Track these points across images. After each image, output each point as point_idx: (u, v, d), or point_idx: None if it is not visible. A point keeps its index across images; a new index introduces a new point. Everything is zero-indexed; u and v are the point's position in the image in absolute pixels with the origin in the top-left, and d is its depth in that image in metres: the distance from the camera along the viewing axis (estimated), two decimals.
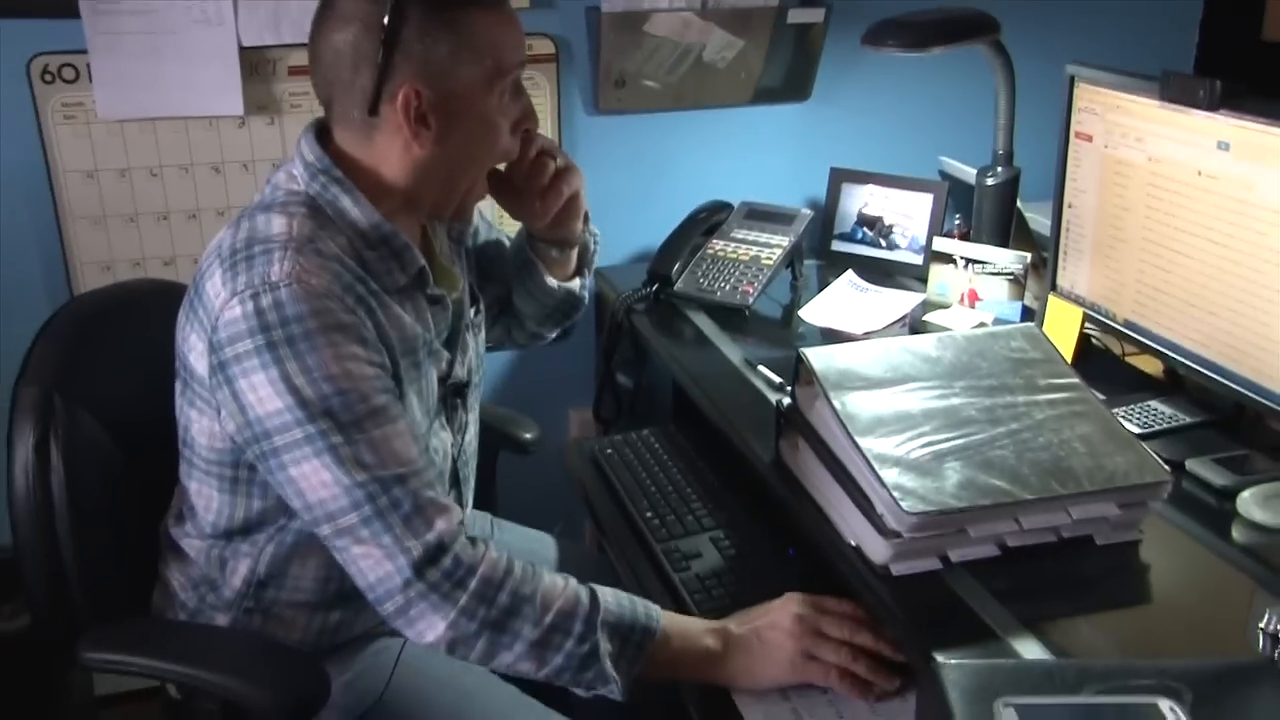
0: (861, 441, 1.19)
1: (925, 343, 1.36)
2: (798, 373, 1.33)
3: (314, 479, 1.09)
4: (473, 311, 1.42)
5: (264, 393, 1.10)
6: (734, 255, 1.93)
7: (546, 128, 2.06)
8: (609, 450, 1.68)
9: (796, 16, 2.06)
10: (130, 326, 1.40)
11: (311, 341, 1.09)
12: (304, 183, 1.21)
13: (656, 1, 1.99)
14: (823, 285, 2.00)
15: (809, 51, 2.12)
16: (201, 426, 1.21)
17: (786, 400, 1.37)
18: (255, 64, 1.88)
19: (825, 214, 2.13)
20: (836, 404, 1.24)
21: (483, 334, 1.48)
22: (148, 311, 1.40)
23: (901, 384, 1.29)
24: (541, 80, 2.03)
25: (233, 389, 1.12)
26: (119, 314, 1.41)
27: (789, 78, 2.15)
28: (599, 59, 2.02)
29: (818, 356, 1.31)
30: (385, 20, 1.14)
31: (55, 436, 1.26)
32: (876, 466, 1.17)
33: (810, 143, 2.23)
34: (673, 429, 1.71)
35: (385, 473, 1.10)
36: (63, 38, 1.77)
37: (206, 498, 1.24)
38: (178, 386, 1.25)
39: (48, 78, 1.79)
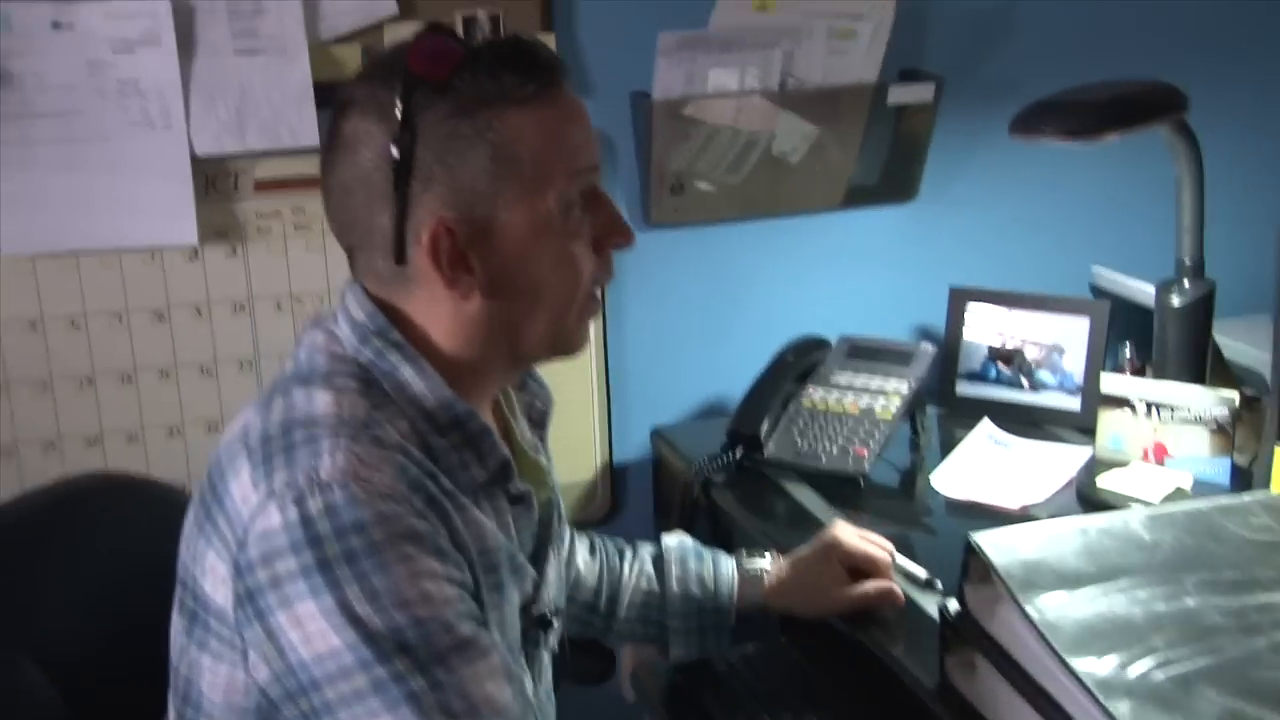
0: (1073, 662, 1.11)
1: (1129, 522, 1.30)
2: (967, 567, 1.27)
3: None
4: (557, 518, 1.35)
5: (314, 628, 1.01)
6: (839, 408, 1.86)
7: None
8: (701, 676, 1.58)
9: (899, 96, 2.03)
10: (76, 538, 1.33)
11: (379, 557, 1.02)
12: (352, 347, 1.15)
13: (723, 84, 1.95)
14: (949, 441, 1.94)
15: (915, 139, 2.08)
16: (217, 678, 1.11)
17: (954, 605, 1.30)
18: (212, 178, 1.81)
19: (946, 347, 2.06)
20: (1032, 611, 1.17)
21: (565, 549, 1.41)
22: (94, 519, 1.35)
23: (1110, 580, 1.22)
24: None
25: (268, 624, 1.03)
26: (58, 524, 1.35)
27: (889, 172, 2.10)
28: (649, 158, 1.96)
29: (995, 547, 1.25)
30: (394, 141, 1.08)
31: None
32: (1101, 697, 1.08)
33: (920, 255, 2.18)
34: (784, 643, 1.62)
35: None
36: None
37: None
38: (178, 624, 1.15)
39: None
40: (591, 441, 2.07)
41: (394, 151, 1.08)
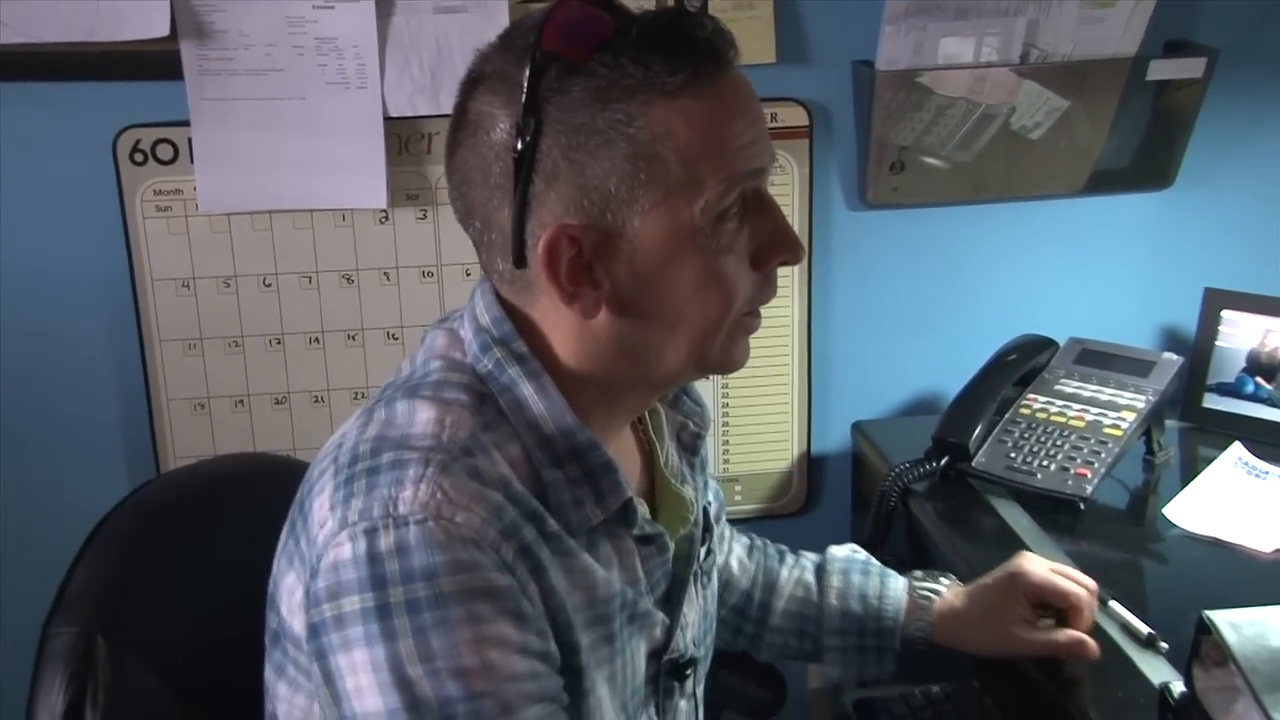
0: None
1: None
2: (1199, 646, 1.06)
3: None
4: (703, 551, 1.13)
5: (365, 681, 0.85)
6: (1062, 419, 1.59)
7: (793, 224, 1.72)
8: (880, 714, 1.36)
9: (1161, 71, 1.70)
10: (207, 534, 1.21)
11: (444, 612, 0.84)
12: (472, 354, 0.97)
13: (957, 54, 1.65)
14: (1191, 463, 1.65)
15: (1176, 120, 1.76)
16: (294, 709, 0.97)
17: (1179, 686, 1.09)
18: (405, 139, 1.66)
19: (1196, 354, 1.75)
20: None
21: (714, 584, 1.18)
22: (236, 507, 1.24)
23: None
24: (788, 162, 1.73)
25: (326, 665, 0.88)
26: (195, 511, 1.23)
27: (1142, 156, 1.79)
28: (869, 133, 1.70)
29: (1237, 629, 1.05)
30: (518, 128, 0.88)
31: (93, 698, 1.06)
32: None
33: (1171, 250, 1.88)
34: (976, 687, 1.36)
35: None
36: (159, 106, 1.61)
37: None
38: (266, 640, 1.00)
39: (138, 157, 1.62)
40: (790, 430, 1.84)
41: (517, 141, 0.88)
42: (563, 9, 0.88)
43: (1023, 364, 1.65)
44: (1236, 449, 1.61)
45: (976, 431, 1.56)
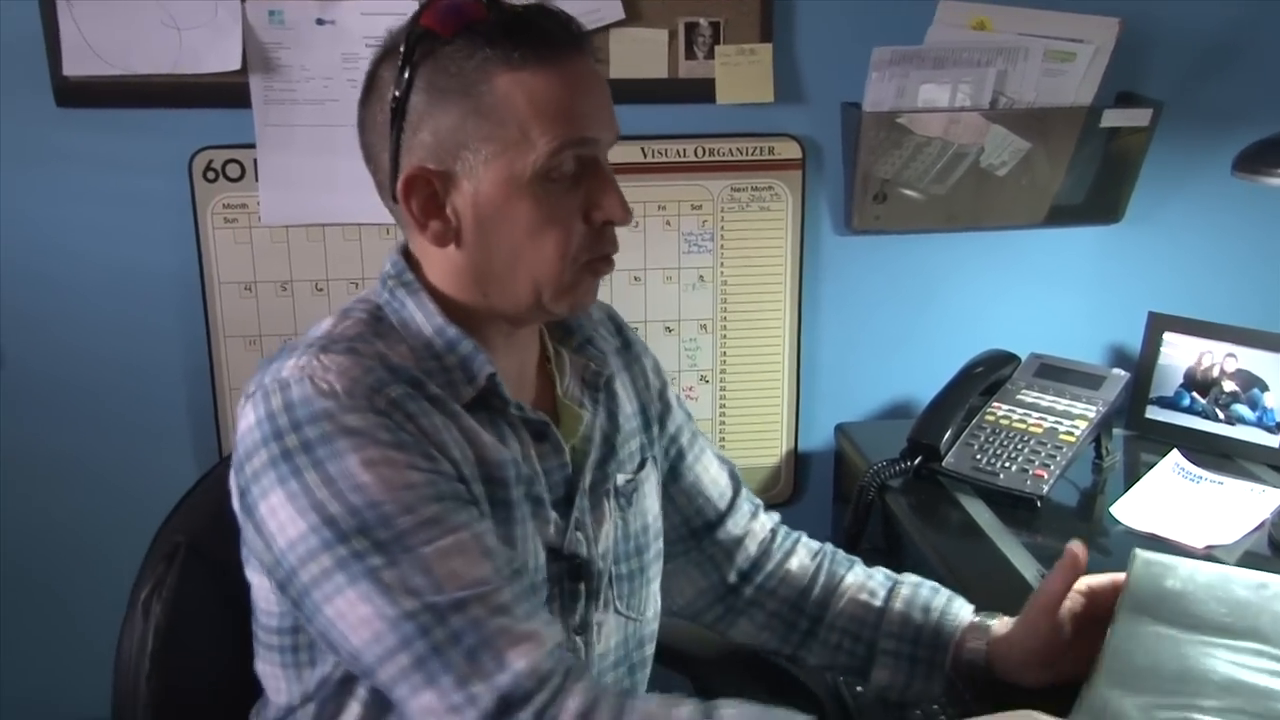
0: (1103, 688, 1.03)
1: None
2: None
3: (353, 615, 0.94)
4: (622, 478, 1.18)
5: (284, 515, 0.96)
6: (1022, 426, 1.64)
7: (786, 246, 1.82)
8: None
9: (1114, 119, 1.77)
10: None
11: (332, 445, 0.95)
12: (375, 292, 1.09)
13: (934, 99, 1.73)
14: (1132, 465, 1.70)
15: (1126, 162, 1.82)
16: (260, 588, 1.07)
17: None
18: None
19: (1139, 370, 1.79)
20: (1111, 630, 1.09)
21: (651, 517, 1.22)
22: None
23: (1234, 638, 1.07)
24: (784, 191, 1.80)
25: (255, 519, 0.98)
26: None
27: (1095, 193, 1.85)
28: (855, 167, 1.77)
29: (1149, 565, 1.15)
30: (394, 84, 1.00)
31: (160, 589, 1.18)
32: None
33: (1120, 278, 1.93)
34: None
35: (441, 598, 0.93)
36: (230, 130, 1.68)
37: (274, 680, 1.10)
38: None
39: (210, 175, 1.69)
40: (780, 429, 1.91)
41: (394, 89, 1.00)
42: (437, 3, 1.00)
43: (988, 375, 1.70)
44: (1174, 456, 1.66)
45: (947, 435, 1.62)
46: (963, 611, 1.25)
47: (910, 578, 1.30)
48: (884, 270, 1.88)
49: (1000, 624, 1.21)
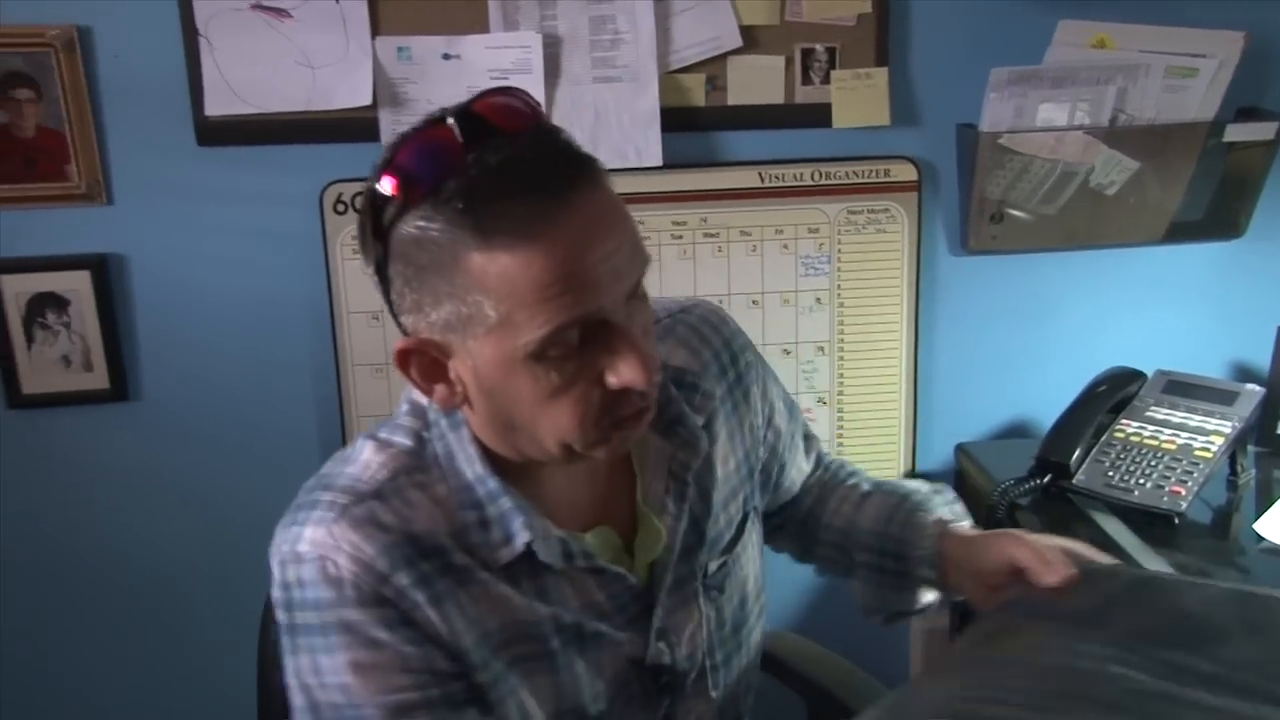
0: (924, 674, 1.09)
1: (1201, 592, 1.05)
2: None
3: None
4: (714, 565, 1.09)
5: (290, 682, 0.96)
6: (1154, 442, 1.59)
7: (902, 268, 1.79)
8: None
9: (1238, 134, 1.72)
10: None
11: (327, 638, 0.91)
12: (423, 414, 0.99)
13: (1052, 118, 1.70)
14: (1267, 483, 1.66)
15: (1248, 177, 1.77)
16: None
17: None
18: None
19: (1270, 386, 1.72)
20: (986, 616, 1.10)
21: (750, 584, 1.15)
22: None
23: (1106, 632, 1.00)
24: (900, 212, 1.77)
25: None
26: None
27: (1216, 209, 1.80)
28: (972, 188, 1.74)
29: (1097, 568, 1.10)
30: (370, 250, 0.87)
31: None
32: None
33: (1243, 294, 1.88)
34: None
35: None
36: (359, 163, 1.63)
37: None
38: None
39: (340, 207, 1.70)
40: (896, 449, 1.88)
41: (374, 258, 0.87)
42: (406, 148, 0.84)
43: (1114, 393, 1.66)
44: None
45: (1077, 452, 1.58)
46: (928, 522, 1.18)
47: (891, 483, 1.28)
48: (1001, 290, 1.84)
49: (955, 541, 1.15)
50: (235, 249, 1.71)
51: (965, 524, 1.21)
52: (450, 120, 0.83)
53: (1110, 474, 1.56)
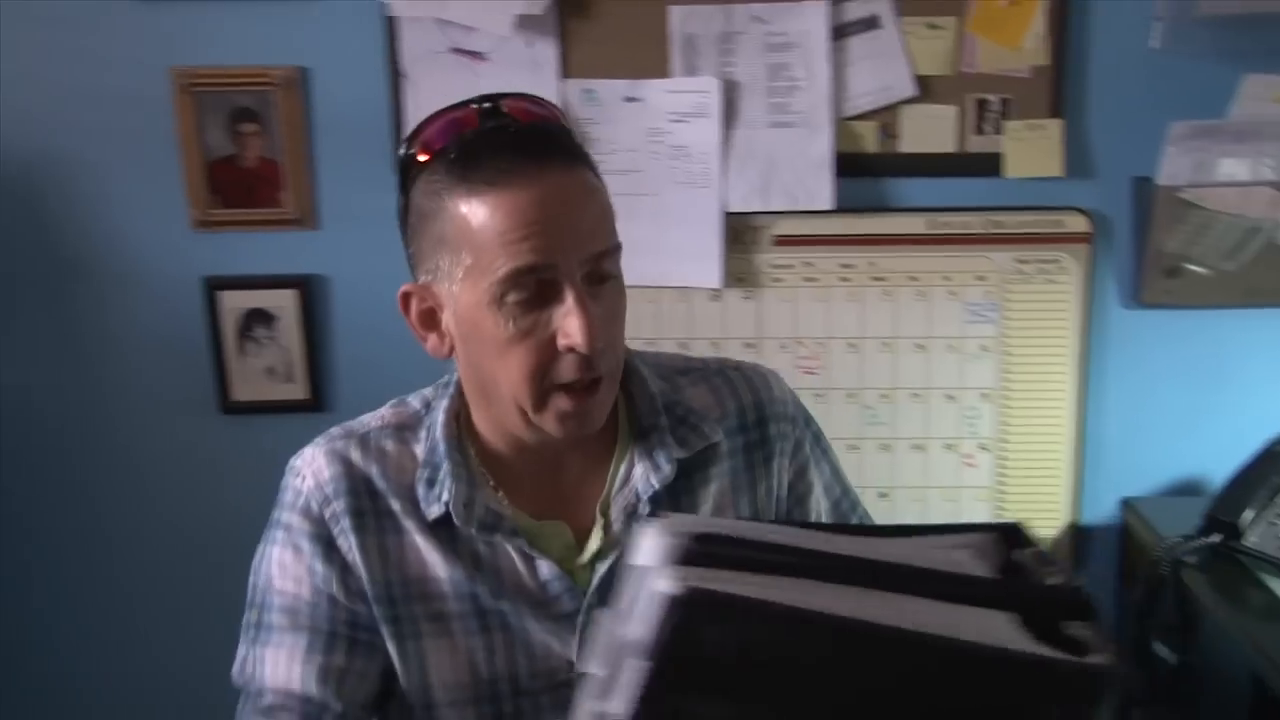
0: None
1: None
2: None
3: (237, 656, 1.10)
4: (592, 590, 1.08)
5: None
6: None
7: (1071, 319, 1.78)
8: None
9: None
10: None
11: (273, 532, 1.09)
12: (444, 384, 1.13)
13: (1233, 173, 1.67)
14: None
15: None
16: None
17: None
18: (738, 231, 1.78)
19: None
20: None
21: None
22: None
23: None
24: (1070, 263, 1.76)
25: None
26: None
27: None
28: (1147, 241, 1.72)
29: None
30: (399, 212, 1.04)
31: None
32: None
33: None
34: None
35: (247, 684, 1.08)
36: None
37: None
38: None
39: None
40: (1059, 500, 1.85)
41: (399, 212, 1.03)
42: (432, 120, 0.99)
43: None
44: None
45: (1249, 512, 1.53)
46: None
47: None
48: (1174, 344, 1.81)
49: None
50: None
51: None
52: (474, 105, 0.99)
53: None
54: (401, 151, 1.01)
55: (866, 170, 1.76)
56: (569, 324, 0.96)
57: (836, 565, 0.67)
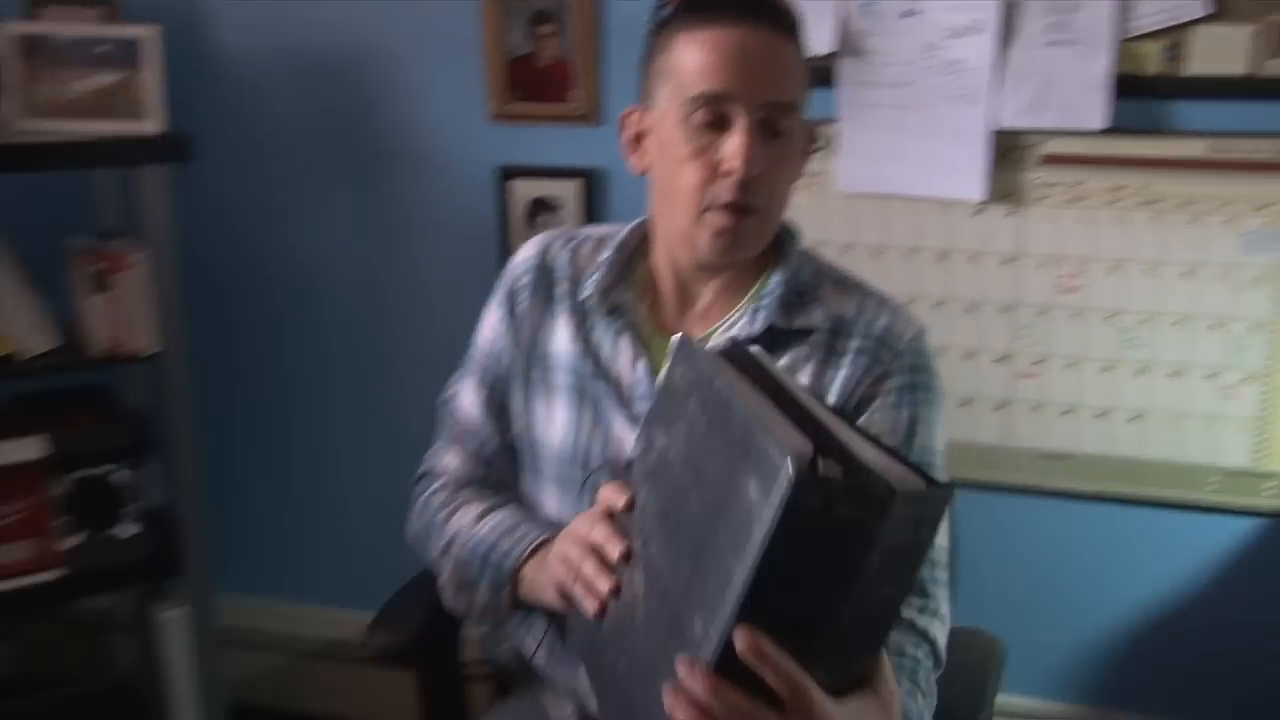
0: None
1: None
2: None
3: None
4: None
5: None
6: None
7: None
8: None
9: None
10: None
11: (492, 294, 1.37)
12: None
13: None
14: None
15: None
16: None
17: None
18: (1006, 148, 1.78)
19: None
20: None
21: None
22: None
23: None
24: None
25: None
26: None
27: None
28: None
29: None
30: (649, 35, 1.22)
31: None
32: None
33: None
34: None
35: (446, 398, 1.40)
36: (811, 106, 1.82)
37: None
38: None
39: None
40: None
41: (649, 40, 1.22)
42: None
43: None
44: None
45: None
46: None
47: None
48: None
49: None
50: None
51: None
52: None
53: None
54: (657, 9, 1.21)
55: (1146, 91, 1.71)
56: (729, 146, 1.13)
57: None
